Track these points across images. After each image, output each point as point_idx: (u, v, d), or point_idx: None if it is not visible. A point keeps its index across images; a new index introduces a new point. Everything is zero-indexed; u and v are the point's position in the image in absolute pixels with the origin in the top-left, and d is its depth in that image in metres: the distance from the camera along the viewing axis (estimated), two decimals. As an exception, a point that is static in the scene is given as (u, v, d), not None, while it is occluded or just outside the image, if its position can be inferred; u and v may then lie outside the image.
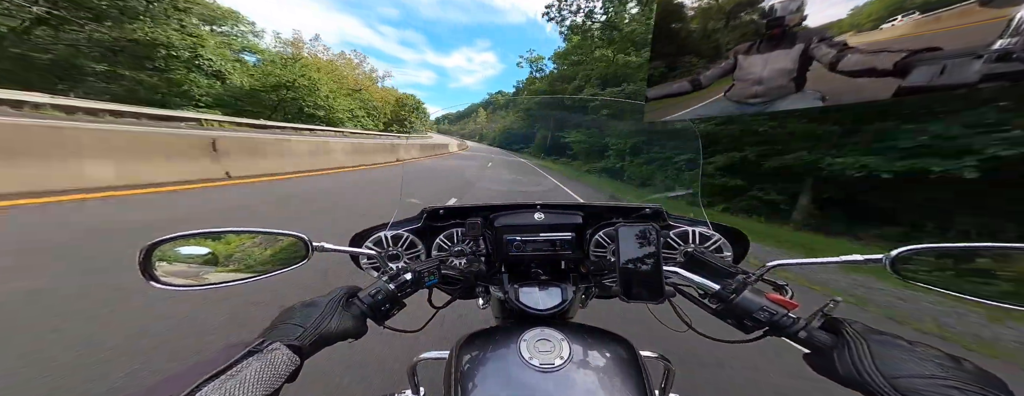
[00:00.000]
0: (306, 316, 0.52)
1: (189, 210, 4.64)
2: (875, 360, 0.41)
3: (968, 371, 0.38)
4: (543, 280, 0.83)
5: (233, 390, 0.36)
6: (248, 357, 0.41)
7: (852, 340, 0.44)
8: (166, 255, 0.57)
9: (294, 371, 0.45)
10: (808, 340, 0.50)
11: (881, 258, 0.53)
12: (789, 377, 2.30)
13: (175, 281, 0.56)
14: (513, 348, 0.60)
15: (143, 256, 0.54)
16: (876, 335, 0.44)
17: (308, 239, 0.64)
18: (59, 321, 2.03)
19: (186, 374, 0.37)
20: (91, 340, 1.89)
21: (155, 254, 0.55)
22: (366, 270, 0.89)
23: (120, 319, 2.11)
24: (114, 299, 2.29)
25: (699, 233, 0.85)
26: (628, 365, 0.59)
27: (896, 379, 0.38)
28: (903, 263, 0.53)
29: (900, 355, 0.41)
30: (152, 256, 0.55)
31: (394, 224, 0.92)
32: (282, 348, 0.44)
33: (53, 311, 2.12)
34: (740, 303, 0.55)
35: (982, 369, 0.38)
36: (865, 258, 0.54)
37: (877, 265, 0.53)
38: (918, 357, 0.40)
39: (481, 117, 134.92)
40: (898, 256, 0.52)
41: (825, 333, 0.49)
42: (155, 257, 0.55)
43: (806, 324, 0.50)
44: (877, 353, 0.42)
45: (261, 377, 0.39)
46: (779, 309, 0.53)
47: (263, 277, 0.63)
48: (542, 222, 0.88)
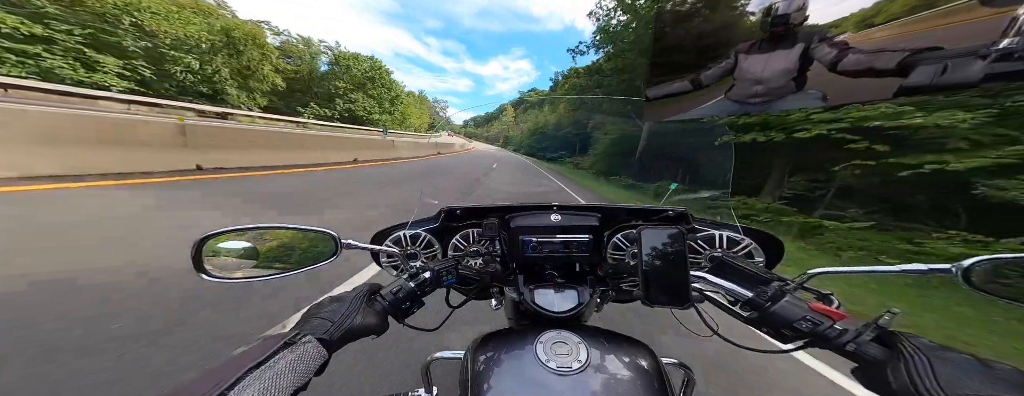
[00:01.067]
0: (334, 311, 0.53)
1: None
2: (937, 377, 0.38)
3: None
4: (559, 282, 0.82)
5: (269, 381, 0.38)
6: (284, 349, 0.43)
7: (911, 355, 0.41)
8: (214, 249, 0.60)
9: (322, 364, 0.46)
10: (858, 353, 0.47)
11: (950, 267, 0.49)
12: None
13: (220, 274, 0.60)
14: (529, 350, 0.60)
15: (195, 250, 0.56)
16: (941, 351, 0.41)
17: (337, 236, 0.66)
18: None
19: (227, 367, 0.39)
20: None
21: (205, 247, 0.58)
22: (385, 268, 0.91)
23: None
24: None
25: (727, 237, 0.82)
26: (649, 371, 0.58)
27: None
28: (977, 274, 0.50)
29: (968, 373, 0.37)
30: (203, 249, 0.57)
31: (413, 223, 0.93)
32: (313, 341, 0.46)
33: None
34: (778, 311, 0.53)
35: None
36: (929, 267, 0.50)
37: (945, 275, 0.49)
38: (991, 377, 0.36)
39: (508, 116, 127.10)
40: (972, 266, 0.49)
41: (879, 346, 0.47)
42: (205, 251, 0.58)
43: (857, 336, 0.48)
44: (940, 370, 0.38)
45: (295, 369, 0.41)
46: (824, 319, 0.50)
47: (296, 272, 0.65)
48: (558, 223, 0.87)
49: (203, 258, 0.58)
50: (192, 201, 4.72)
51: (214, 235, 0.59)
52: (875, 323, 0.48)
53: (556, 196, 4.67)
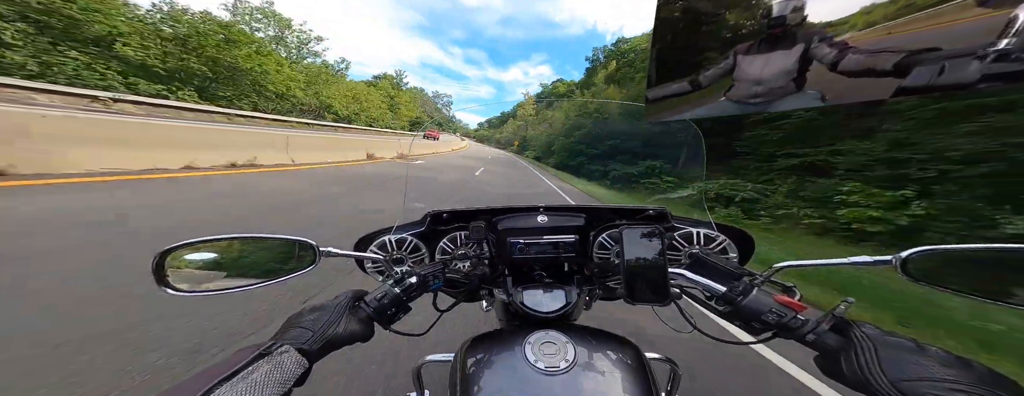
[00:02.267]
0: (314, 320, 0.52)
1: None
2: (881, 363, 0.41)
3: (978, 373, 0.37)
4: (547, 282, 0.83)
5: (243, 392, 0.37)
6: (259, 360, 0.42)
7: (860, 342, 0.44)
8: (177, 261, 0.58)
9: (303, 375, 0.45)
10: (817, 342, 0.50)
11: (890, 259, 0.53)
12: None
13: (187, 287, 0.57)
14: (518, 351, 0.61)
15: (156, 262, 0.54)
16: (885, 337, 0.44)
17: (316, 245, 0.65)
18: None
19: (196, 379, 0.38)
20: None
21: (167, 260, 0.56)
22: (371, 274, 0.91)
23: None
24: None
25: (704, 235, 0.85)
26: (634, 368, 0.60)
27: (901, 382, 0.38)
28: (914, 264, 0.53)
29: (908, 357, 0.41)
30: (165, 262, 0.55)
31: (398, 228, 0.93)
32: (292, 351, 0.45)
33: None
34: (748, 305, 0.56)
35: (993, 371, 0.38)
36: (874, 259, 0.54)
37: (886, 266, 0.53)
38: (926, 359, 0.40)
39: (527, 108, 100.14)
40: (908, 257, 0.52)
41: (835, 335, 0.49)
42: (168, 264, 0.56)
43: (816, 326, 0.50)
44: (884, 355, 0.42)
45: (271, 380, 0.40)
46: (788, 311, 0.53)
47: (271, 282, 0.63)
48: (545, 224, 0.88)
49: (166, 271, 0.55)
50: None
51: (177, 247, 0.57)
52: (832, 313, 0.51)
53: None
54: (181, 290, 0.56)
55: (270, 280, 0.63)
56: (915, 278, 0.53)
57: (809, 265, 0.61)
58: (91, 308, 2.28)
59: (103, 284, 2.58)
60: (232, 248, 0.64)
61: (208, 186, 6.16)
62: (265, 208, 5.39)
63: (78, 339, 1.95)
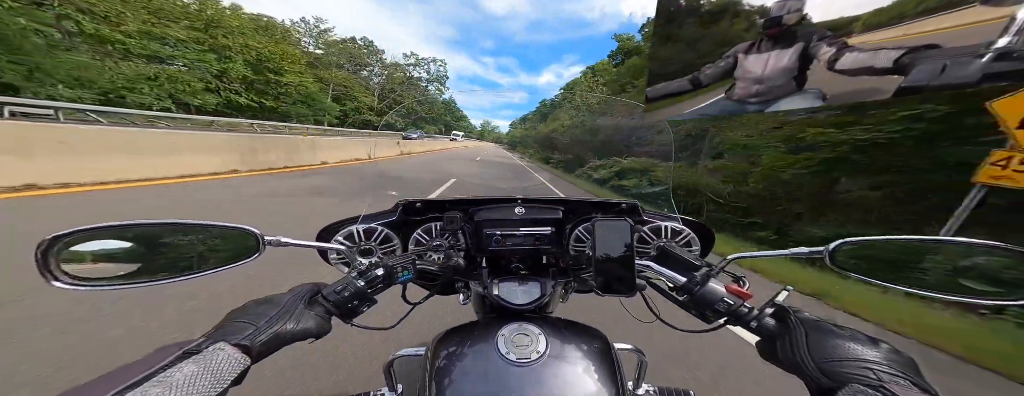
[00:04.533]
0: (259, 314, 0.48)
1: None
2: (810, 346, 0.45)
3: (884, 352, 0.42)
4: (523, 275, 0.83)
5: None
6: (183, 360, 0.37)
7: (795, 328, 0.48)
8: (77, 250, 0.49)
9: (241, 373, 0.41)
10: (758, 328, 0.53)
11: (822, 250, 0.57)
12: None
13: (86, 277, 0.48)
14: (491, 343, 0.61)
15: (43, 250, 0.45)
16: (815, 323, 0.48)
17: (259, 233, 0.59)
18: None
19: (101, 382, 0.33)
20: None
21: (59, 248, 0.47)
22: (335, 265, 0.86)
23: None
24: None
25: (671, 228, 0.87)
26: (602, 357, 0.61)
27: (825, 363, 0.43)
28: (842, 254, 0.57)
29: (831, 340, 0.45)
30: (54, 250, 0.47)
31: (366, 217, 0.89)
32: (227, 348, 0.40)
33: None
34: (703, 294, 0.59)
35: (896, 349, 0.43)
36: (809, 250, 0.57)
37: (819, 257, 0.57)
38: (846, 341, 0.44)
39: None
40: (836, 248, 0.56)
41: (774, 321, 0.53)
42: (60, 252, 0.47)
43: (759, 313, 0.54)
44: (813, 339, 0.45)
45: (197, 381, 0.36)
46: (736, 300, 0.56)
47: (200, 275, 0.56)
48: (522, 216, 0.88)
49: (57, 259, 0.46)
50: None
51: (71, 233, 0.47)
52: (772, 301, 0.55)
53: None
54: (77, 283, 0.47)
55: (197, 273, 0.56)
56: (842, 268, 0.57)
57: (757, 256, 0.64)
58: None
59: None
60: (154, 236, 0.55)
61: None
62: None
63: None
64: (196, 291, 2.47)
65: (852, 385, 0.38)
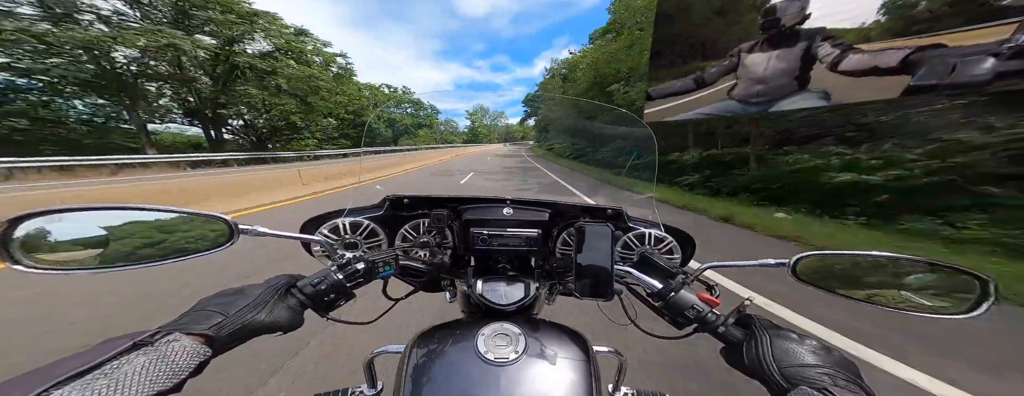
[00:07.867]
0: (228, 304, 0.47)
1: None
2: (773, 353, 0.47)
3: (836, 358, 0.46)
4: (510, 275, 0.82)
5: (104, 391, 0.30)
6: (131, 351, 0.35)
7: (759, 335, 0.50)
8: (39, 233, 0.48)
9: (201, 364, 0.40)
10: (724, 335, 0.55)
11: (786, 261, 0.58)
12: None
13: (48, 262, 0.47)
14: (471, 342, 0.60)
15: (2, 232, 0.44)
16: (777, 330, 0.51)
17: (232, 220, 0.58)
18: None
19: (38, 374, 0.31)
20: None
21: (21, 231, 0.46)
22: (318, 258, 0.86)
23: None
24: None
25: (654, 235, 0.88)
26: (580, 359, 0.61)
27: (785, 368, 0.45)
28: (804, 266, 0.59)
29: (791, 347, 0.47)
30: (14, 232, 0.45)
31: (351, 211, 0.89)
32: (182, 339, 0.39)
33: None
34: (676, 301, 0.60)
35: (843, 356, 0.47)
36: (776, 262, 0.59)
37: (783, 268, 0.59)
38: (804, 348, 0.47)
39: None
40: (798, 261, 0.58)
41: (739, 328, 0.55)
42: (21, 235, 0.46)
43: (725, 321, 0.56)
44: (775, 346, 0.48)
45: (148, 373, 0.34)
46: (705, 307, 0.58)
47: (168, 262, 0.55)
48: (510, 217, 0.87)
49: (17, 241, 0.45)
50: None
51: (30, 215, 0.46)
52: (737, 309, 0.57)
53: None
54: (38, 267, 0.46)
55: (168, 259, 0.55)
56: (803, 281, 0.59)
57: (730, 266, 0.66)
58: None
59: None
60: (123, 221, 0.54)
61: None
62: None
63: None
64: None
65: (801, 388, 0.41)
